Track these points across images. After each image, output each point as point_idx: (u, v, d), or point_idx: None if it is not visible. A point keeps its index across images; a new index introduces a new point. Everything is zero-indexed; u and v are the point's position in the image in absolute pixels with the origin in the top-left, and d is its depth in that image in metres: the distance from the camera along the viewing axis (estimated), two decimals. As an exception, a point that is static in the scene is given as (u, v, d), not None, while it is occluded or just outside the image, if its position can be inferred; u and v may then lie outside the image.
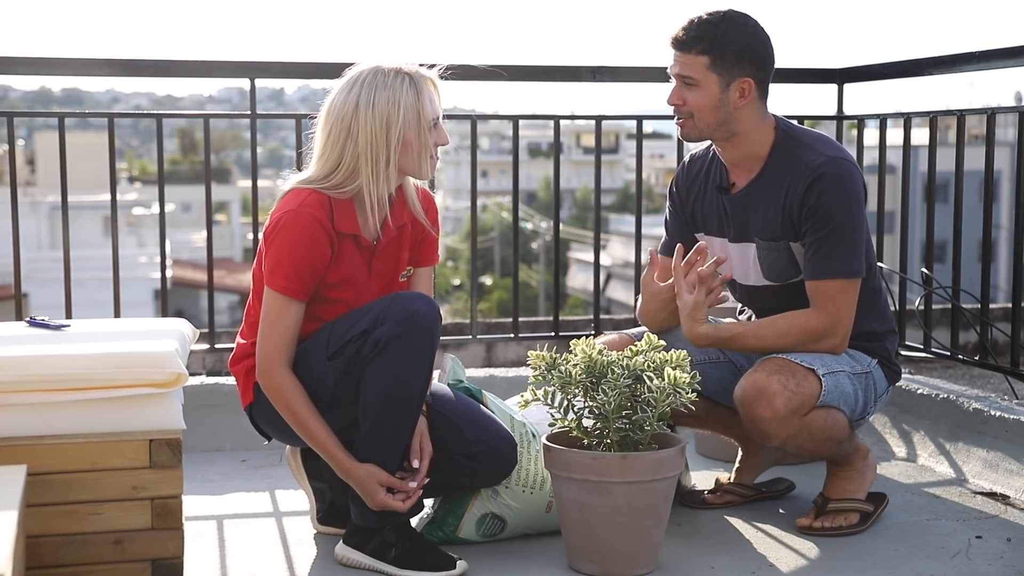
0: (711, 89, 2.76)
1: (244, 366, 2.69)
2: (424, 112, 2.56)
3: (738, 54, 2.75)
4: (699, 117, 2.79)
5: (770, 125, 2.85)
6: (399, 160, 2.56)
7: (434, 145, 2.60)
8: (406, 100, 2.54)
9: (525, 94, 54.59)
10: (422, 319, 2.49)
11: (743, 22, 2.77)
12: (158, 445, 2.31)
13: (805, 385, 2.70)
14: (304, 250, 2.53)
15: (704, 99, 2.77)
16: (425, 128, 2.56)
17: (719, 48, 2.73)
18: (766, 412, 2.68)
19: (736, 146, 2.84)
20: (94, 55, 17.14)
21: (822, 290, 2.77)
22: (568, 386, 2.52)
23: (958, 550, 2.73)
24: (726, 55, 2.74)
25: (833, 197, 2.74)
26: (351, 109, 2.54)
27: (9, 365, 2.29)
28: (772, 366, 2.72)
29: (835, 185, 2.74)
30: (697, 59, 2.75)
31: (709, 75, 2.75)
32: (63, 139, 3.75)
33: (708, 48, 2.74)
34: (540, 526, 2.80)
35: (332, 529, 2.82)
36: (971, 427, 3.41)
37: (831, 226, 2.75)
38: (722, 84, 2.75)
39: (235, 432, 3.55)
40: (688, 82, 2.77)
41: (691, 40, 2.75)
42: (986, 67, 3.68)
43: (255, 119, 3.88)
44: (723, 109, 2.77)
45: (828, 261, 2.76)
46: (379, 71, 2.56)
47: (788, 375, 2.69)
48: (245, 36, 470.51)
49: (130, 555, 2.31)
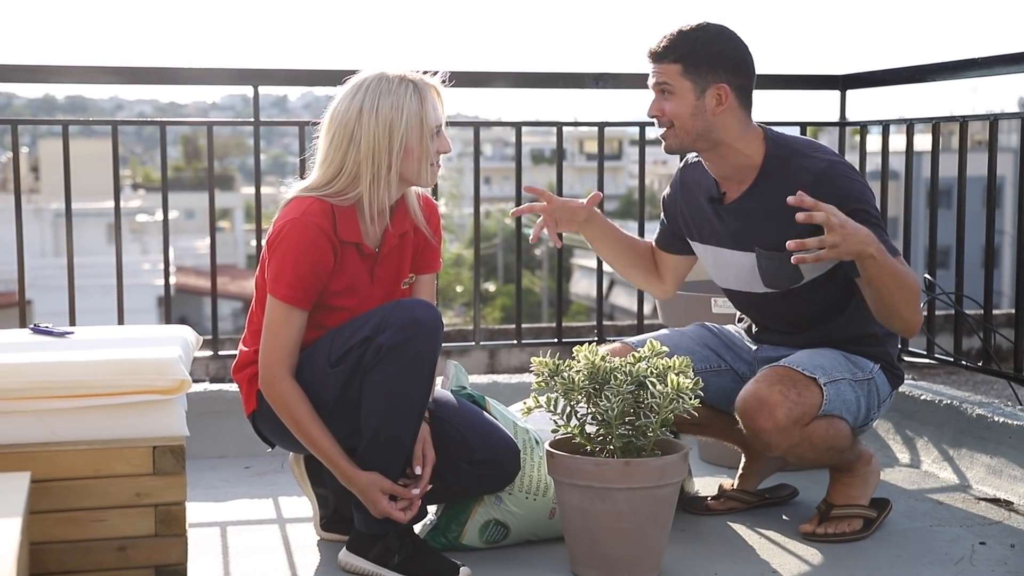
0: (686, 96, 2.76)
1: (247, 374, 2.69)
2: (427, 119, 2.56)
3: (711, 60, 2.76)
4: (679, 126, 2.79)
5: (758, 135, 2.84)
6: (401, 167, 2.56)
7: (436, 152, 2.61)
8: (409, 106, 2.54)
9: (528, 101, 55.01)
10: (424, 326, 2.49)
11: (716, 30, 2.79)
12: (161, 452, 2.31)
13: (806, 395, 2.70)
14: (307, 258, 2.53)
15: (681, 106, 2.77)
16: (427, 135, 2.57)
17: (691, 55, 2.75)
18: (767, 423, 2.67)
19: (723, 156, 2.83)
20: (98, 63, 17.15)
21: None
22: (571, 392, 2.52)
23: (962, 556, 2.73)
24: (699, 61, 2.75)
25: (841, 192, 2.68)
26: (354, 115, 2.54)
27: (13, 372, 2.29)
28: (773, 376, 2.72)
29: (840, 182, 2.72)
30: (671, 67, 2.77)
31: (683, 81, 2.76)
32: (67, 146, 3.76)
33: (681, 56, 2.75)
34: (543, 532, 2.80)
35: (335, 536, 2.82)
36: (975, 433, 3.40)
37: (849, 212, 2.62)
38: (696, 91, 2.76)
39: (238, 439, 3.55)
40: (664, 89, 2.79)
41: (664, 50, 2.77)
42: (989, 73, 3.68)
43: (259, 126, 3.89)
44: (701, 117, 2.77)
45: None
46: (383, 77, 2.57)
47: (789, 385, 2.69)
48: (249, 43, 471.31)
49: (133, 562, 2.31)
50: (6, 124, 3.77)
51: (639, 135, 4.20)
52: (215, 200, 3.94)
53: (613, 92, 4.14)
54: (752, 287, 2.91)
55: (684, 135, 2.80)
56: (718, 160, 2.85)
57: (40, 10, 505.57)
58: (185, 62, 45.70)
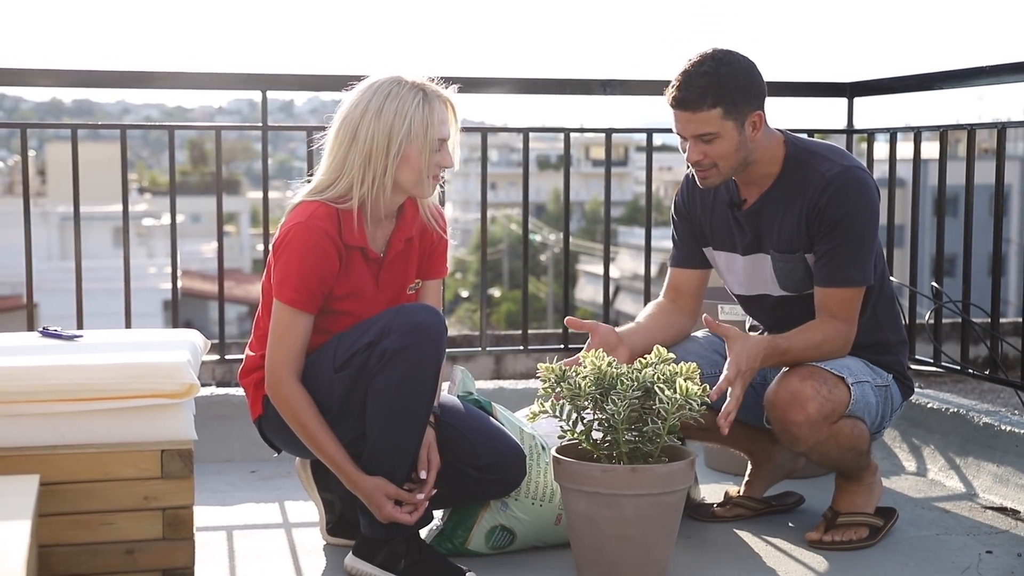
0: (731, 136, 2.73)
1: (253, 379, 2.69)
2: (431, 131, 2.54)
3: (744, 93, 2.72)
4: (723, 165, 2.76)
5: (779, 141, 2.85)
6: (396, 173, 2.54)
7: (436, 165, 2.58)
8: (414, 115, 2.52)
9: (534, 107, 55.00)
10: (428, 330, 2.49)
11: (735, 61, 2.73)
12: (170, 455, 2.32)
13: (836, 393, 2.71)
14: (312, 263, 2.53)
15: (727, 147, 2.73)
16: (429, 147, 2.54)
17: (728, 96, 2.69)
18: (799, 416, 2.68)
19: (750, 170, 2.84)
20: (105, 66, 17.19)
21: (838, 297, 2.77)
22: (577, 398, 2.52)
23: (968, 565, 2.73)
24: (736, 99, 2.70)
25: (850, 205, 2.74)
26: (359, 114, 2.54)
27: (22, 375, 2.30)
28: (804, 372, 2.72)
29: (851, 193, 2.75)
30: (710, 114, 2.70)
31: (726, 123, 2.71)
32: (75, 150, 3.77)
33: (718, 100, 2.69)
34: (549, 538, 2.80)
35: (342, 540, 2.82)
36: (981, 441, 3.40)
37: (848, 234, 2.75)
38: (738, 127, 2.73)
39: (245, 443, 3.56)
40: (707, 139, 2.73)
41: (697, 98, 2.69)
42: (996, 81, 3.68)
43: (267, 131, 3.89)
44: (743, 147, 2.76)
45: (845, 268, 2.76)
46: (396, 81, 2.55)
47: (820, 381, 2.70)
48: (256, 48, 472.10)
49: (141, 565, 2.31)
50: (15, 128, 3.78)
51: (646, 141, 4.20)
52: (222, 204, 3.95)
53: (620, 99, 4.14)
54: (769, 290, 2.92)
55: (728, 171, 2.79)
56: (745, 174, 2.85)
57: (47, 13, 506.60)
58: (192, 67, 45.93)
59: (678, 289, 3.05)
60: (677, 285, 3.05)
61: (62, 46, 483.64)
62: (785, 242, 2.83)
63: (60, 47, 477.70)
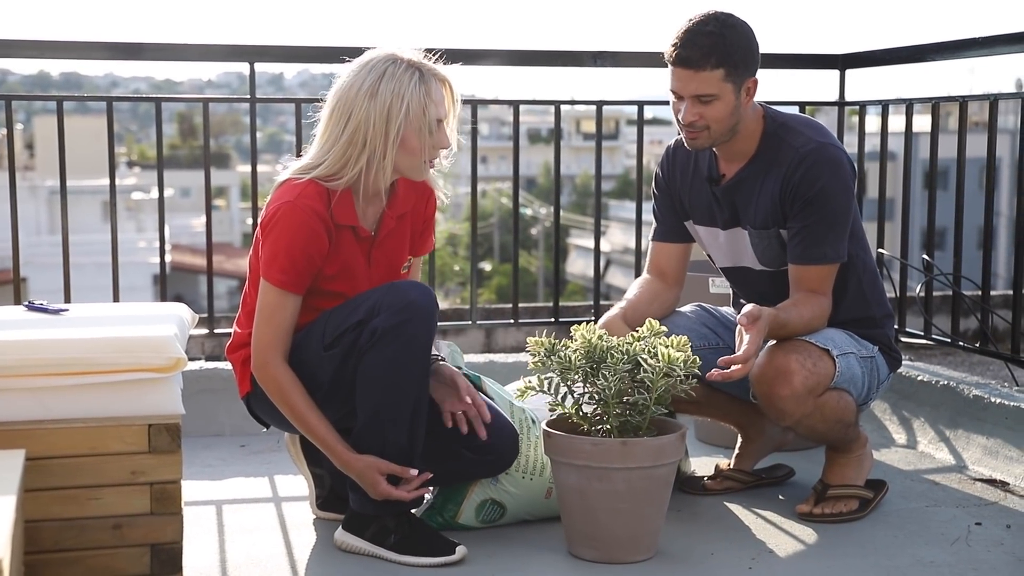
0: (728, 99, 2.71)
1: (241, 355, 2.68)
2: (428, 112, 2.50)
3: (745, 57, 2.70)
4: (715, 128, 2.74)
5: (759, 114, 2.84)
6: (396, 156, 2.52)
7: (433, 147, 2.56)
8: (411, 95, 2.48)
9: (525, 79, 54.35)
10: (419, 308, 2.47)
11: (736, 23, 2.71)
12: (157, 430, 2.30)
13: (821, 365, 2.71)
14: (301, 243, 2.50)
15: (723, 110, 2.72)
16: (427, 128, 2.51)
17: (731, 57, 2.67)
18: (784, 390, 2.68)
19: (734, 141, 2.82)
20: (93, 38, 17.09)
21: (812, 274, 2.78)
22: (568, 372, 2.51)
23: (958, 536, 2.73)
24: (737, 62, 2.69)
25: (823, 182, 2.74)
26: (354, 94, 2.49)
27: (7, 349, 2.28)
28: (788, 346, 2.72)
29: (825, 170, 2.74)
30: (712, 74, 2.67)
31: (725, 86, 2.69)
32: (62, 123, 3.74)
33: (721, 60, 2.67)
34: (540, 512, 2.80)
35: (331, 515, 2.81)
36: (971, 414, 3.40)
37: (822, 211, 2.75)
38: (735, 91, 2.71)
39: (234, 417, 3.55)
40: (705, 100, 2.71)
41: (700, 57, 2.66)
42: (988, 53, 3.67)
43: (255, 103, 3.86)
44: (736, 113, 2.74)
45: (818, 246, 2.76)
46: (392, 59, 2.51)
47: (805, 355, 2.70)
48: (245, 20, 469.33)
49: (129, 540, 2.30)
50: (0, 100, 3.75)
51: (637, 114, 4.18)
52: (211, 178, 3.92)
53: (610, 71, 4.11)
54: (749, 264, 2.91)
55: (719, 135, 2.77)
56: (726, 146, 2.83)
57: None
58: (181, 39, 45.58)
59: (661, 264, 3.04)
60: (660, 260, 3.04)
61: (49, 18, 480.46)
62: (760, 219, 2.82)
63: (48, 19, 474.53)
